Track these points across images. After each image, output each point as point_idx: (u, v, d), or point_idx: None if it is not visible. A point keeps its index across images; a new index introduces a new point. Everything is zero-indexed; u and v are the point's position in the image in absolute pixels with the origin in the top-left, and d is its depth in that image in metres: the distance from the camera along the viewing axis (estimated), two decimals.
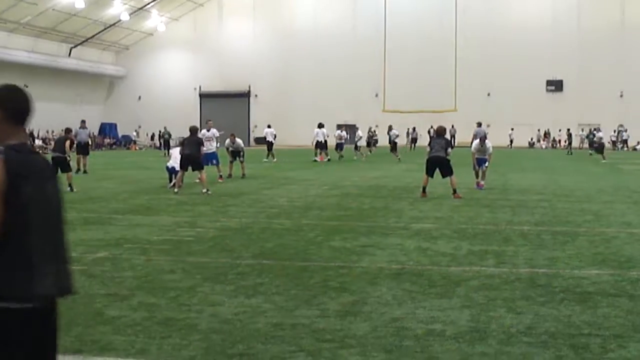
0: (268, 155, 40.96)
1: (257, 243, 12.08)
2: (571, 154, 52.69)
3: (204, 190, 20.58)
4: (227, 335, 6.79)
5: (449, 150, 20.42)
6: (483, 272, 9.67)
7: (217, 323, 7.18)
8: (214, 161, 25.27)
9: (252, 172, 29.22)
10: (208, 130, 26.72)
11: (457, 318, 7.35)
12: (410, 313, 7.53)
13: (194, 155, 21.05)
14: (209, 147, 24.82)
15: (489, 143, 22.98)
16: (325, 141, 42.14)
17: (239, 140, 27.64)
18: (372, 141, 51.95)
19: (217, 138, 27.38)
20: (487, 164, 22.65)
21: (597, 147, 45.78)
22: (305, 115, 65.87)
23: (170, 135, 57.91)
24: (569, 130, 59.77)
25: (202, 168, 21.32)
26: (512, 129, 67.33)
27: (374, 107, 72.34)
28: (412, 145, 62.76)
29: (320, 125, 42.42)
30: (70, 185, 21.65)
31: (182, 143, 22.24)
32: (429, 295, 8.30)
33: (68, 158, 22.57)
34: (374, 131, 54.87)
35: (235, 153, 27.28)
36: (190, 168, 21.16)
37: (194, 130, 22.25)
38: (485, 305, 7.83)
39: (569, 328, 7.01)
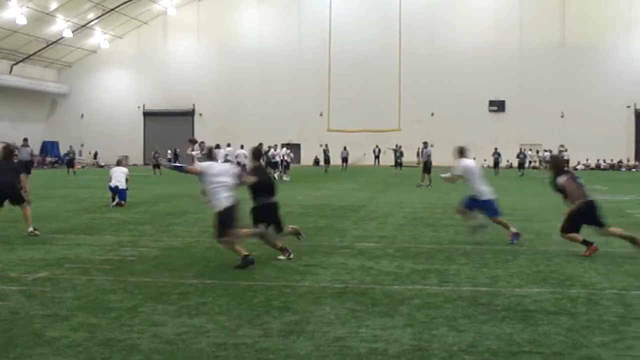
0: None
1: (200, 262, 12.00)
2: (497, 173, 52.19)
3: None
4: (169, 355, 6.72)
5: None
6: (426, 290, 9.72)
7: (159, 343, 7.10)
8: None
9: (193, 190, 29.01)
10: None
11: (400, 337, 7.38)
12: (353, 332, 7.53)
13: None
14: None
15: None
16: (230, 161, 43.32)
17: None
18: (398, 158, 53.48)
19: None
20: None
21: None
22: (250, 134, 65.32)
23: (74, 154, 57.97)
24: (496, 149, 58.62)
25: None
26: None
27: (318, 126, 72.68)
28: (344, 164, 62.56)
29: (228, 145, 43.32)
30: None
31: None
32: (372, 314, 8.31)
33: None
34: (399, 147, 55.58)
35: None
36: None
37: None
38: (428, 324, 7.87)
39: (510, 346, 7.08)
